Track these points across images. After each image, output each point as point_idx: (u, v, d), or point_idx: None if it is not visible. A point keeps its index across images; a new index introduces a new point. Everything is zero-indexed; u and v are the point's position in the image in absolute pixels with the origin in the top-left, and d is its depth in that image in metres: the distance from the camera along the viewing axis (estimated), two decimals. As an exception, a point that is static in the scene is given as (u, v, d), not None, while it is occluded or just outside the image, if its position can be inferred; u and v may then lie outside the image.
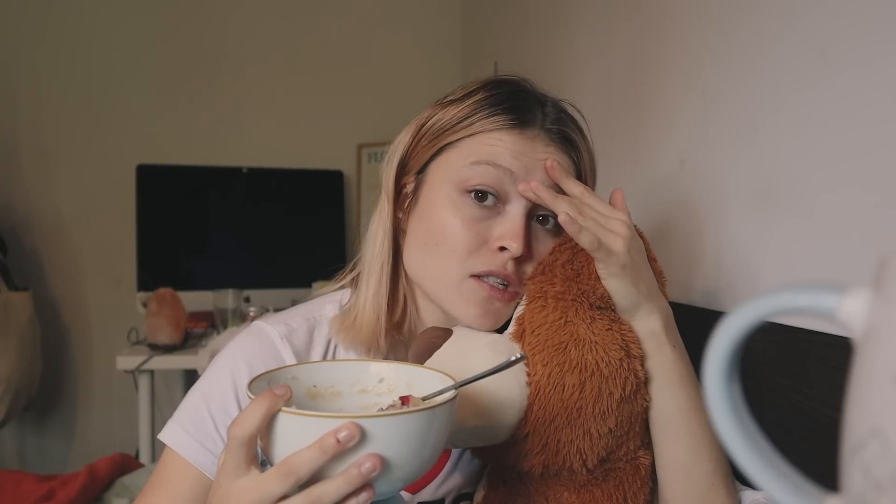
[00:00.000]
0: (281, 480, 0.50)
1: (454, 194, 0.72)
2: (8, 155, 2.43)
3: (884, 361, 0.24)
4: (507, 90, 0.75)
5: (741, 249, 0.86)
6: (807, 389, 0.70)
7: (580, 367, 0.65)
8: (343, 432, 0.48)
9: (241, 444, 0.52)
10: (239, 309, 2.10)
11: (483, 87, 0.75)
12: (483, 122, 0.72)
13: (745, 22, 0.85)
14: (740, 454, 0.30)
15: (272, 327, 0.77)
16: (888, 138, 0.62)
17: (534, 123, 0.73)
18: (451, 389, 0.56)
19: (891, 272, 0.25)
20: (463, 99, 0.75)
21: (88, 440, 2.51)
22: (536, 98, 0.76)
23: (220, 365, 0.76)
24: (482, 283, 0.71)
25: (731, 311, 0.30)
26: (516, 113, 0.73)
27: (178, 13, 2.52)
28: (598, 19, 1.36)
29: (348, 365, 0.64)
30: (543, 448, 0.66)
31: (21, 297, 2.20)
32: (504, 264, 0.70)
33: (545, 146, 0.73)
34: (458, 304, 0.72)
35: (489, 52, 2.28)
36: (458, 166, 0.72)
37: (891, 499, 0.23)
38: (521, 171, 0.71)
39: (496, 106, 0.73)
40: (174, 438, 0.73)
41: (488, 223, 0.71)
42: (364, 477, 0.49)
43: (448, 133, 0.74)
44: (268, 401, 0.51)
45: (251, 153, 2.49)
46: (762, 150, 0.81)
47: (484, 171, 0.70)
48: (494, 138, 0.72)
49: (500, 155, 0.71)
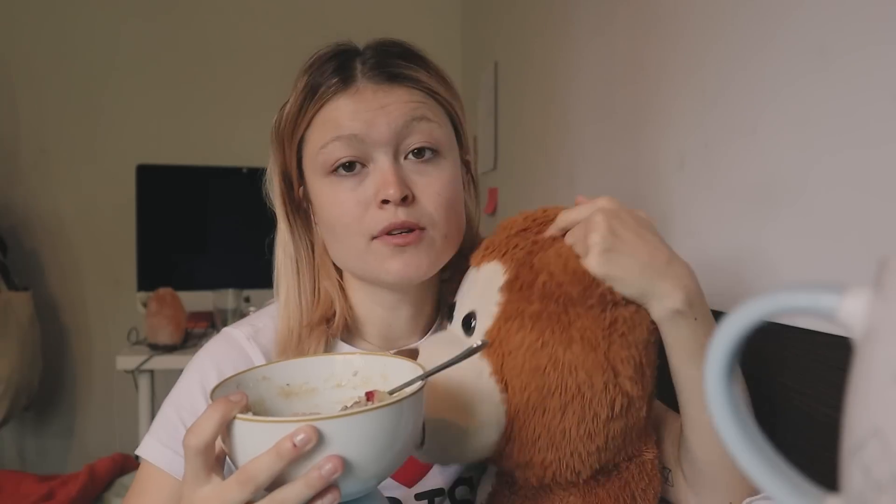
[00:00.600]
0: (240, 488, 0.50)
1: (325, 179, 0.73)
2: (8, 155, 2.43)
3: (884, 361, 0.24)
4: (321, 62, 0.74)
5: (741, 249, 0.86)
6: (807, 389, 0.70)
7: (559, 391, 0.63)
8: (299, 436, 0.47)
9: (197, 453, 0.51)
10: (239, 309, 2.10)
11: (303, 72, 0.75)
12: (314, 103, 0.73)
13: (744, 21, 0.85)
14: (740, 454, 0.30)
15: (237, 329, 0.79)
16: (888, 138, 0.62)
17: (355, 79, 0.72)
18: (418, 381, 0.54)
19: (891, 272, 0.25)
20: (293, 92, 0.75)
21: (88, 440, 2.51)
22: (355, 52, 0.75)
23: (188, 372, 0.77)
24: (385, 238, 0.71)
25: (731, 311, 0.30)
26: (335, 76, 0.72)
27: (178, 13, 2.52)
28: (597, 19, 1.36)
29: (320, 360, 0.63)
30: (530, 465, 0.65)
31: (21, 297, 2.21)
32: (394, 215, 0.71)
33: (374, 93, 0.72)
34: (378, 269, 0.73)
35: (489, 52, 2.28)
36: (315, 155, 0.73)
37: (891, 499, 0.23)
38: (363, 128, 0.71)
39: (317, 81, 0.73)
40: (148, 450, 0.74)
41: (363, 186, 0.72)
42: (325, 479, 0.48)
43: (296, 129, 0.75)
44: (222, 408, 0.50)
45: (251, 153, 2.48)
46: (762, 150, 0.81)
47: (334, 148, 0.71)
48: (329, 111, 0.72)
49: (340, 124, 0.71)
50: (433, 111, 0.74)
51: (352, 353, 0.64)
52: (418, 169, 0.73)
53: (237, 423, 0.50)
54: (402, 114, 0.71)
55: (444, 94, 0.76)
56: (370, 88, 0.72)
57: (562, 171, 1.55)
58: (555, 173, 1.60)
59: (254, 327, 0.79)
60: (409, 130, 0.72)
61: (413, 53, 0.76)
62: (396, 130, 0.71)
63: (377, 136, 0.71)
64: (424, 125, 0.72)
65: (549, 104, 1.63)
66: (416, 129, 0.72)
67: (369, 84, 0.72)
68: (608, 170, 1.29)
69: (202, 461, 0.51)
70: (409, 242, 0.71)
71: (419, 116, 0.72)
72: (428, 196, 0.72)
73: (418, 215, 0.72)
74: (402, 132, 0.71)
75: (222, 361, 0.75)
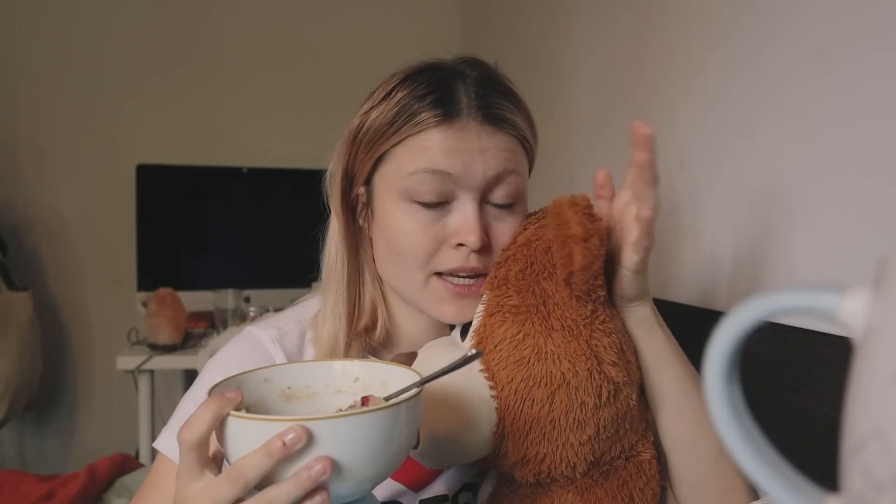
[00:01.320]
0: (230, 485, 0.50)
1: (402, 203, 0.72)
2: (8, 155, 2.43)
3: (884, 361, 0.24)
4: (424, 80, 0.72)
5: (740, 249, 0.86)
6: (807, 389, 0.70)
7: (545, 380, 0.64)
8: (289, 435, 0.47)
9: (191, 447, 0.51)
10: (239, 309, 2.10)
11: (401, 83, 0.73)
12: (409, 126, 0.70)
13: (745, 21, 0.85)
14: (740, 454, 0.30)
15: (263, 331, 0.78)
16: (888, 138, 0.62)
17: (460, 113, 0.70)
18: (414, 388, 0.55)
19: (891, 272, 0.25)
20: (384, 101, 0.73)
21: (88, 440, 2.50)
22: (457, 76, 0.73)
23: (211, 370, 0.77)
24: (445, 282, 0.72)
25: (730, 311, 0.30)
26: (440, 106, 0.70)
27: (178, 13, 2.52)
28: (597, 19, 1.36)
29: (322, 365, 0.64)
30: (525, 460, 0.66)
31: (21, 297, 2.20)
32: (466, 259, 0.71)
33: (478, 134, 0.70)
34: (431, 305, 0.73)
35: (489, 52, 2.27)
36: (398, 177, 0.71)
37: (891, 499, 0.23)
38: (459, 168, 0.70)
39: (418, 103, 0.71)
40: (166, 444, 0.74)
41: (442, 222, 0.71)
42: (314, 480, 0.48)
43: (380, 143, 0.72)
44: (216, 404, 0.51)
45: (251, 153, 2.49)
46: (761, 150, 0.81)
47: (423, 179, 0.70)
48: (425, 140, 0.70)
49: (435, 158, 0.70)
50: (521, 162, 0.74)
51: (353, 360, 0.65)
52: (498, 216, 0.73)
53: (230, 420, 0.51)
54: (498, 163, 0.71)
55: (530, 138, 0.76)
56: (475, 128, 0.70)
57: (562, 171, 1.55)
58: (555, 173, 1.60)
59: (279, 330, 0.79)
60: (500, 181, 0.71)
61: (511, 90, 0.75)
62: (489, 180, 0.71)
63: (471, 180, 0.70)
64: (514, 178, 0.72)
65: (550, 104, 1.63)
66: (506, 181, 0.72)
67: (474, 123, 0.70)
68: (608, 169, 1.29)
69: (195, 456, 0.52)
70: (469, 294, 0.72)
71: (511, 169, 0.72)
72: (501, 245, 0.73)
73: (487, 263, 0.72)
74: (492, 182, 0.71)
75: (245, 363, 0.74)
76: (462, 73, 0.73)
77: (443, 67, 0.74)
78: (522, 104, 0.76)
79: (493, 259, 0.72)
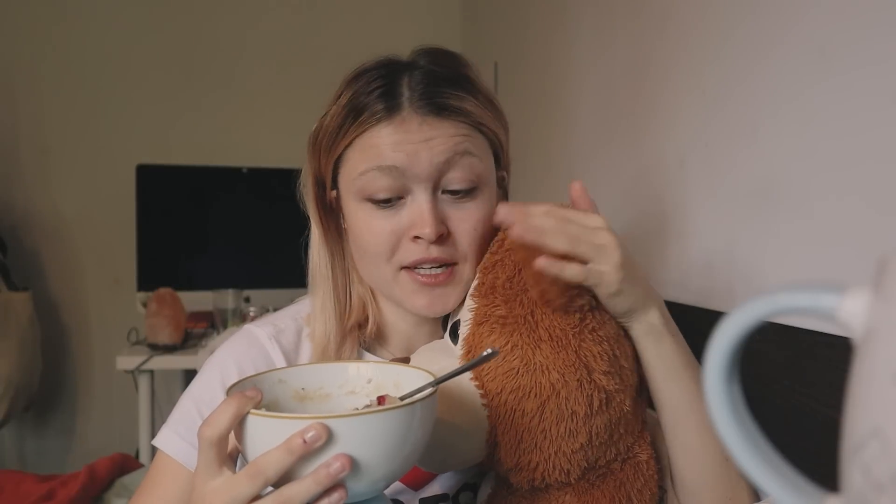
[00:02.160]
0: (250, 482, 0.50)
1: (360, 204, 0.72)
2: (8, 155, 2.43)
3: (884, 361, 0.24)
4: (368, 79, 0.72)
5: (741, 249, 0.86)
6: (807, 389, 0.70)
7: (535, 391, 0.63)
8: (310, 433, 0.48)
9: (211, 444, 0.52)
10: (239, 309, 2.10)
11: (348, 84, 0.73)
12: (355, 127, 0.71)
13: (745, 22, 0.85)
14: (740, 454, 0.30)
15: (260, 329, 0.79)
16: (888, 139, 0.62)
17: (400, 107, 0.69)
18: (429, 388, 0.56)
19: (891, 272, 0.25)
20: (335, 104, 0.73)
21: (88, 440, 2.50)
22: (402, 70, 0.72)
23: (209, 367, 0.78)
24: (413, 275, 0.72)
25: (730, 311, 0.30)
26: (381, 103, 0.70)
27: (178, 13, 2.52)
28: (598, 19, 1.36)
29: (335, 367, 0.65)
30: (518, 468, 0.66)
31: (21, 297, 2.20)
32: (427, 251, 0.70)
33: (419, 125, 0.69)
34: (404, 299, 0.74)
35: (489, 52, 2.27)
36: (352, 178, 0.72)
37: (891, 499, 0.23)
38: (405, 161, 0.69)
39: (362, 102, 0.70)
40: (166, 441, 0.75)
41: (398, 217, 0.71)
42: (333, 477, 0.49)
43: (334, 146, 0.73)
44: (237, 402, 0.51)
45: (251, 153, 2.49)
46: (762, 151, 0.81)
47: (373, 177, 0.70)
48: (372, 137, 0.70)
49: (381, 154, 0.69)
50: (477, 144, 0.72)
51: (366, 362, 0.66)
52: (456, 204, 0.72)
53: (250, 419, 0.52)
54: (445, 149, 0.69)
55: (489, 123, 0.74)
56: (416, 120, 0.69)
57: (562, 171, 1.55)
58: (555, 173, 1.60)
59: (276, 327, 0.79)
60: (451, 166, 0.70)
61: (463, 77, 0.73)
62: (438, 166, 0.70)
63: (418, 170, 0.69)
64: (466, 160, 0.71)
65: (549, 104, 1.63)
66: (458, 165, 0.70)
67: (415, 115, 0.69)
68: (608, 170, 1.29)
69: (215, 453, 0.52)
70: (438, 283, 0.72)
71: (462, 151, 0.70)
72: (463, 231, 0.72)
73: (451, 252, 0.72)
74: (442, 168, 0.70)
75: (243, 359, 0.76)
76: (411, 66, 0.72)
77: (390, 64, 0.73)
78: (478, 89, 0.73)
79: (457, 249, 0.72)
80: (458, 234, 0.72)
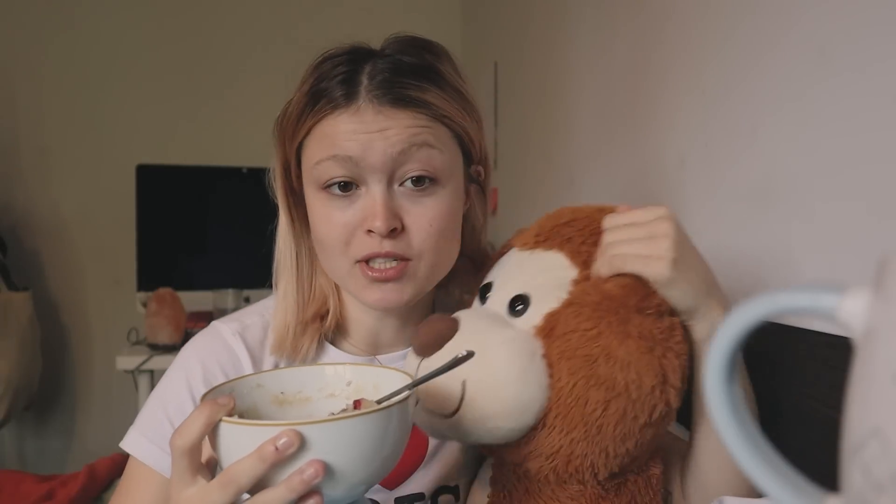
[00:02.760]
0: (222, 490, 0.50)
1: (317, 193, 0.71)
2: (8, 155, 2.43)
3: (884, 361, 0.24)
4: (330, 66, 0.70)
5: (740, 249, 0.86)
6: (807, 389, 0.70)
7: (607, 384, 0.61)
8: (282, 440, 0.47)
9: (182, 453, 0.51)
10: (238, 309, 2.09)
11: (311, 71, 0.71)
12: (314, 114, 0.69)
13: (745, 22, 0.85)
14: (740, 454, 0.30)
15: (225, 325, 0.78)
16: (887, 139, 0.62)
17: (357, 96, 0.68)
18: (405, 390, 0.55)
19: (891, 272, 0.25)
20: (299, 91, 0.72)
21: (88, 440, 2.50)
22: (363, 60, 0.70)
23: (174, 367, 0.77)
24: (365, 269, 0.70)
25: (731, 312, 0.30)
26: (337, 92, 0.68)
27: (178, 13, 2.52)
28: (598, 19, 1.36)
29: (314, 370, 0.64)
30: (554, 455, 0.64)
31: (21, 297, 2.20)
32: (379, 244, 0.69)
33: (375, 116, 0.67)
34: (358, 293, 0.72)
35: (489, 52, 2.27)
36: (310, 167, 0.71)
37: (891, 499, 0.23)
38: (358, 150, 0.67)
39: (322, 88, 0.69)
40: (135, 446, 0.74)
41: (353, 209, 0.69)
42: (306, 484, 0.48)
43: (295, 133, 0.72)
44: (208, 410, 0.51)
45: (251, 153, 2.48)
46: (762, 151, 0.81)
47: (328, 167, 0.68)
48: (326, 128, 0.69)
49: (336, 144, 0.68)
50: (437, 135, 0.70)
51: (344, 364, 0.65)
52: (412, 198, 0.70)
53: (222, 426, 0.51)
54: (400, 140, 0.67)
55: (454, 115, 0.71)
56: (371, 109, 0.67)
57: (562, 171, 1.55)
58: (555, 173, 1.60)
59: (242, 323, 0.79)
60: (407, 157, 0.68)
61: (429, 68, 0.71)
62: (392, 157, 0.67)
63: (372, 160, 0.67)
64: (424, 152, 0.68)
65: (549, 104, 1.63)
66: (415, 157, 0.68)
67: (371, 104, 0.67)
68: (608, 169, 1.29)
69: (187, 462, 0.52)
70: (388, 278, 0.69)
71: (419, 143, 0.68)
72: (419, 227, 0.69)
73: (405, 247, 0.69)
74: (398, 159, 0.68)
75: (207, 358, 0.75)
76: (376, 55, 0.71)
77: (356, 51, 0.71)
78: (443, 80, 0.71)
79: (410, 244, 0.70)
80: (413, 229, 0.69)
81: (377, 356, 0.80)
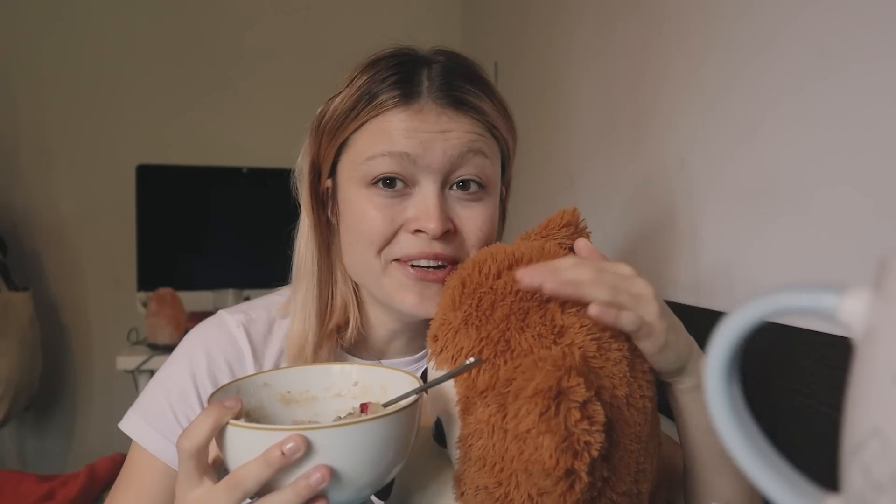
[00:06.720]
0: (228, 493, 0.50)
1: (362, 189, 0.70)
2: (8, 155, 2.43)
3: (884, 361, 0.24)
4: (386, 65, 0.70)
5: (740, 249, 0.86)
6: (807, 389, 0.70)
7: None
8: (288, 445, 0.47)
9: (189, 455, 0.52)
10: (239, 309, 2.10)
11: (363, 69, 0.71)
12: (369, 109, 0.69)
13: (744, 21, 0.85)
14: (740, 454, 0.30)
15: (231, 316, 0.78)
16: (887, 138, 0.62)
17: (419, 94, 0.68)
18: (413, 394, 0.55)
19: (891, 272, 0.25)
20: (347, 88, 0.71)
21: (88, 440, 2.50)
22: (421, 62, 0.71)
23: (178, 354, 0.77)
24: (406, 267, 0.69)
25: (730, 311, 0.30)
26: (399, 88, 0.68)
27: (178, 13, 2.52)
28: (598, 19, 1.36)
29: (321, 369, 0.64)
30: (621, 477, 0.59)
31: (21, 297, 2.20)
32: (428, 245, 0.68)
33: (437, 115, 0.68)
34: (392, 295, 0.70)
35: (489, 52, 2.27)
36: (359, 162, 0.69)
37: (891, 499, 0.23)
38: (418, 148, 0.67)
39: (378, 87, 0.69)
40: (137, 431, 0.74)
41: (401, 207, 0.69)
42: (312, 489, 0.48)
43: (341, 129, 0.71)
44: (215, 413, 0.51)
45: (251, 153, 2.49)
46: (761, 150, 0.81)
47: (382, 162, 0.68)
48: (384, 122, 0.68)
49: (394, 139, 0.67)
50: (489, 146, 0.71)
51: (352, 364, 0.65)
52: (463, 202, 0.70)
53: (229, 429, 0.51)
54: (460, 143, 0.68)
55: (502, 129, 0.73)
56: (435, 110, 0.68)
57: (562, 171, 1.55)
58: (555, 173, 1.60)
59: (247, 316, 0.78)
60: (463, 161, 0.68)
61: (480, 77, 0.72)
62: (451, 159, 0.68)
63: (430, 160, 0.67)
64: (479, 160, 0.69)
65: (549, 104, 1.63)
66: (471, 163, 0.69)
67: (434, 105, 0.68)
68: (608, 170, 1.29)
69: (194, 464, 0.52)
70: (437, 280, 0.68)
71: (476, 150, 0.69)
72: (469, 231, 0.70)
73: (455, 250, 0.69)
74: (455, 162, 0.68)
75: (212, 348, 0.75)
76: (429, 61, 0.71)
77: (409, 54, 0.72)
78: (494, 93, 0.72)
79: (460, 248, 0.69)
80: (466, 233, 0.70)
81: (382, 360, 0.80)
